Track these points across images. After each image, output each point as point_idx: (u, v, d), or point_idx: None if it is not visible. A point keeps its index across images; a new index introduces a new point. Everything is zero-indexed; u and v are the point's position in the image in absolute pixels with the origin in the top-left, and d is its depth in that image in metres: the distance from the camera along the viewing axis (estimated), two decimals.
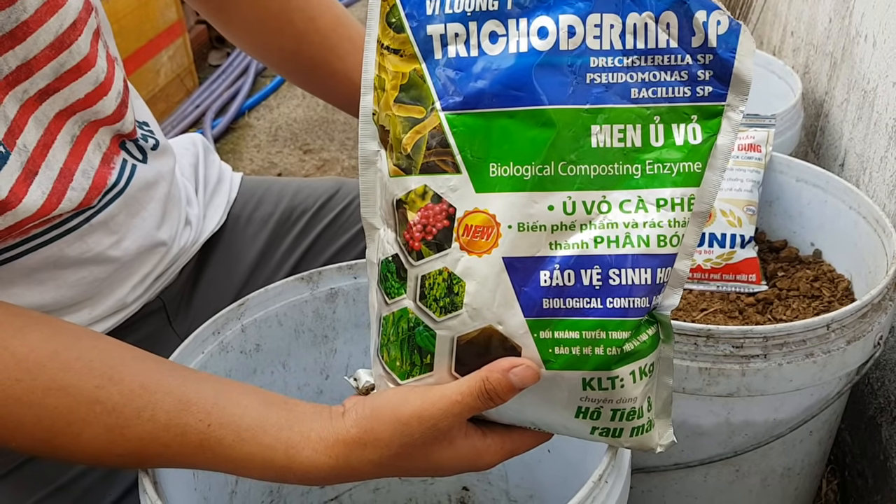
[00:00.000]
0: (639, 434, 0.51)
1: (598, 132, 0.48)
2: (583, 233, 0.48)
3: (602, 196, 0.48)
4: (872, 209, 0.91)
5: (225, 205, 0.82)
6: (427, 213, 0.49)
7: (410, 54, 0.49)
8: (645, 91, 0.48)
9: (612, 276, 0.48)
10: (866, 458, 1.06)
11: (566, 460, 0.75)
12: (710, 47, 0.48)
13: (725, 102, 0.48)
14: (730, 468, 0.87)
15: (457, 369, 0.50)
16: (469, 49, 0.49)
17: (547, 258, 0.48)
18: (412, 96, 0.50)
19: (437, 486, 0.89)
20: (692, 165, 0.48)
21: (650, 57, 0.48)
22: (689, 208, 0.48)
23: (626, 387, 0.49)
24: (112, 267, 0.66)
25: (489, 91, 0.48)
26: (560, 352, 0.48)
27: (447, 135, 0.49)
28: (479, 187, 0.48)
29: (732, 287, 0.98)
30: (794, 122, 1.17)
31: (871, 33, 1.07)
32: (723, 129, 0.48)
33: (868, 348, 0.81)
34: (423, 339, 0.50)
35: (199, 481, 0.67)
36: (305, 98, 2.43)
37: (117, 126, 0.64)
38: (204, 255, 0.79)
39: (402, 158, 0.50)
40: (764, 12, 1.62)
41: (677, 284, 0.49)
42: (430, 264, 0.49)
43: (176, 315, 0.75)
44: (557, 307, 0.48)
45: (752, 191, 0.99)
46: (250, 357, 0.71)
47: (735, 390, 0.78)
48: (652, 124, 0.48)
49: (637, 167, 0.48)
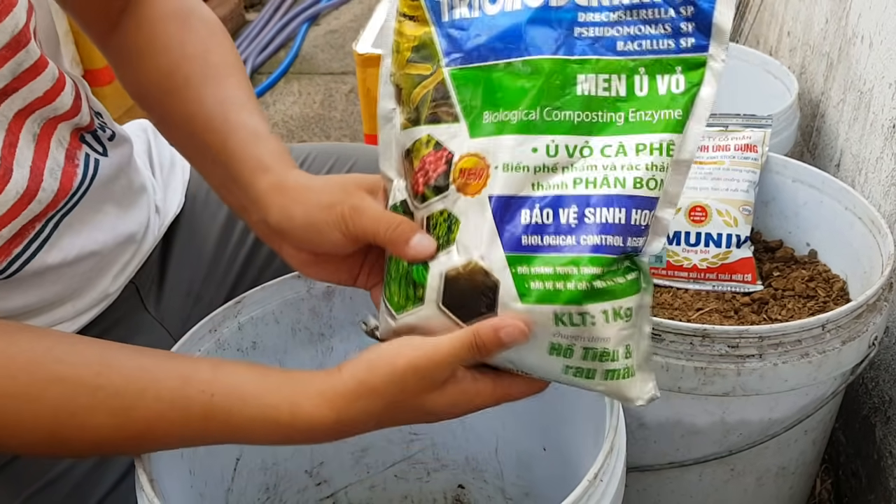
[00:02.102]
0: (614, 378, 0.51)
1: (584, 81, 0.51)
2: (564, 174, 0.50)
3: (585, 141, 0.51)
4: (868, 210, 0.91)
5: (182, 186, 0.82)
6: (429, 159, 0.54)
7: (423, 19, 0.54)
8: (631, 44, 0.51)
9: (587, 215, 0.50)
10: (860, 458, 1.07)
11: (562, 458, 0.75)
12: (691, 0, 0.50)
13: (708, 53, 0.50)
14: (725, 467, 0.88)
15: (444, 301, 0.52)
16: (472, 10, 0.54)
17: (529, 198, 0.51)
18: (422, 56, 0.54)
19: (433, 483, 0.89)
20: (673, 113, 0.50)
21: (636, 11, 0.51)
22: (668, 153, 0.50)
23: (598, 325, 0.50)
24: (93, 261, 0.67)
25: (486, 46, 0.52)
26: (534, 286, 0.50)
27: (448, 88, 0.53)
28: (474, 133, 0.52)
29: (728, 287, 0.98)
30: (791, 123, 1.18)
31: (868, 34, 1.07)
32: (706, 79, 0.50)
33: (863, 348, 0.82)
34: (418, 273, 0.53)
35: (196, 478, 0.67)
36: (301, 95, 2.42)
37: (76, 120, 0.63)
38: (168, 237, 0.80)
39: (412, 112, 0.55)
40: (761, 12, 1.63)
41: (660, 232, 0.51)
42: (432, 206, 0.53)
43: (148, 297, 0.76)
44: (535, 244, 0.50)
45: (748, 191, 0.99)
46: (247, 355, 0.72)
47: (730, 390, 0.79)
48: (637, 75, 0.51)
49: (620, 115, 0.51)
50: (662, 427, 0.85)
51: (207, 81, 0.66)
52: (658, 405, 0.84)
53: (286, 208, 0.58)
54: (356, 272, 0.62)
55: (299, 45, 2.69)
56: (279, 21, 2.78)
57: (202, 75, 0.66)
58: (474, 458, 0.86)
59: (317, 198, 0.58)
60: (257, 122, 0.63)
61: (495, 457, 0.84)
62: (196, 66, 0.67)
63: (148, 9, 0.69)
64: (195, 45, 0.68)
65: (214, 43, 0.69)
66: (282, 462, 0.79)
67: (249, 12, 2.92)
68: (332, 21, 2.93)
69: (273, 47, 2.65)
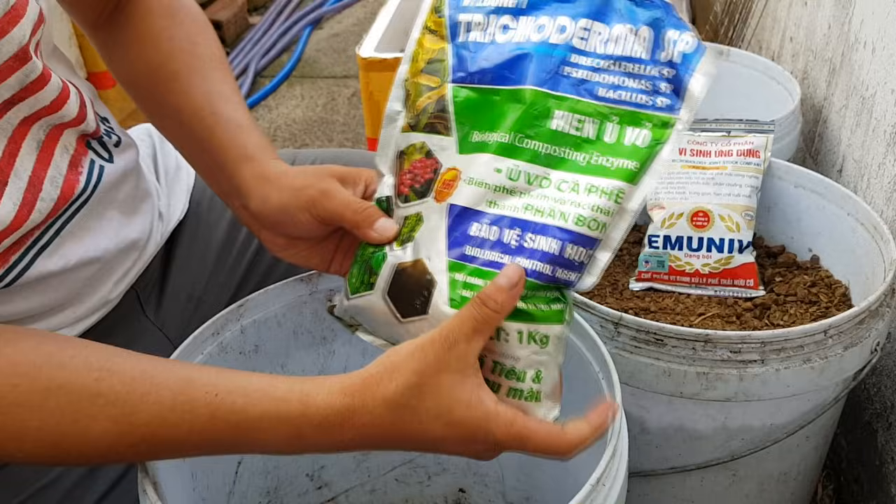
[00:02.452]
0: (518, 398, 0.54)
1: (560, 117, 0.54)
2: (519, 198, 0.54)
3: (545, 172, 0.54)
4: (870, 215, 0.91)
5: (186, 191, 0.83)
6: (418, 165, 0.58)
7: (442, 35, 0.58)
8: (611, 92, 0.54)
9: (527, 240, 0.53)
10: (862, 464, 1.07)
11: (563, 463, 0.75)
12: (673, 62, 0.53)
13: (678, 115, 0.53)
14: (726, 472, 0.88)
15: (389, 291, 0.56)
16: (485, 36, 0.57)
17: (483, 213, 0.54)
18: (434, 68, 0.58)
19: (434, 487, 0.89)
20: (630, 164, 0.53)
21: (622, 63, 0.54)
22: (616, 200, 0.53)
23: (511, 343, 0.53)
24: (95, 267, 0.67)
25: (488, 71, 0.56)
26: (464, 294, 0.53)
27: (448, 102, 0.57)
28: (462, 150, 0.56)
29: (730, 292, 0.98)
30: (793, 128, 1.18)
31: (871, 40, 1.07)
32: (670, 139, 0.53)
33: (865, 354, 0.82)
34: (377, 261, 0.57)
35: (198, 481, 0.67)
36: (304, 99, 2.43)
37: (82, 127, 0.64)
38: (171, 242, 0.80)
39: (413, 118, 0.59)
40: (763, 18, 1.63)
41: (594, 272, 0.54)
42: (411, 208, 0.57)
43: (148, 302, 0.76)
44: (475, 255, 0.53)
45: (750, 196, 0.99)
46: (249, 358, 0.72)
47: (732, 395, 0.79)
48: (609, 122, 0.54)
49: (584, 155, 0.54)
50: (664, 432, 0.85)
51: (195, 74, 0.68)
52: (660, 410, 0.84)
53: (264, 194, 0.61)
54: (329, 258, 0.65)
55: (302, 48, 2.70)
56: (282, 25, 2.79)
57: (190, 68, 0.68)
58: (475, 462, 0.86)
59: (290, 182, 0.61)
60: (241, 116, 0.66)
61: (496, 461, 0.84)
62: (184, 59, 0.69)
63: (139, 3, 0.71)
64: (183, 38, 0.70)
65: (202, 38, 0.71)
66: (283, 466, 0.79)
67: (253, 16, 2.93)
68: (335, 25, 2.93)
69: (276, 51, 2.66)
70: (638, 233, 1.09)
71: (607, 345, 0.70)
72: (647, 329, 0.78)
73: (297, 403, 0.49)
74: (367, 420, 0.49)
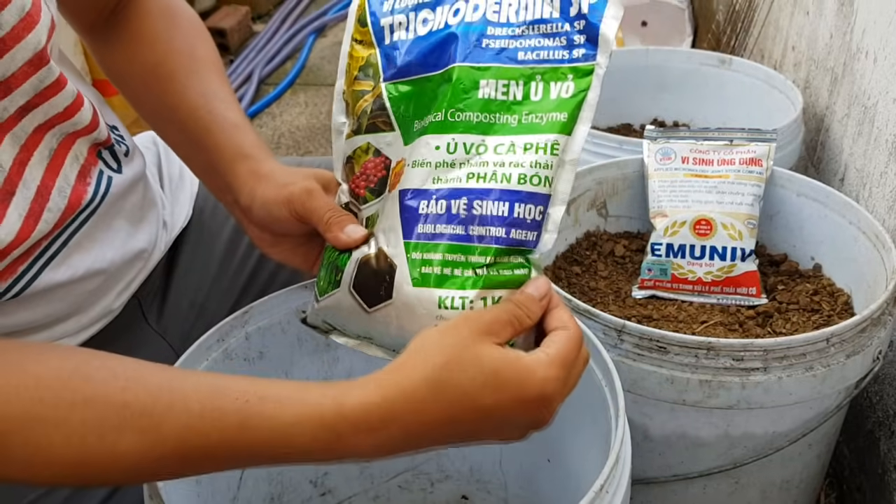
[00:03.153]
0: None
1: (486, 86, 0.56)
2: (460, 170, 0.55)
3: (481, 139, 0.55)
4: (872, 224, 0.92)
5: (190, 199, 0.83)
6: (369, 165, 0.60)
7: (369, 42, 0.61)
8: (530, 54, 0.56)
9: (475, 207, 0.54)
10: (864, 472, 1.07)
11: (566, 470, 0.75)
12: (582, 14, 0.55)
13: (596, 61, 0.55)
14: (729, 480, 0.88)
15: (354, 285, 0.57)
16: (408, 33, 0.59)
17: (429, 190, 0.55)
18: (366, 74, 0.61)
19: (437, 494, 0.89)
20: (559, 115, 0.55)
21: (536, 26, 0.56)
22: (552, 152, 0.54)
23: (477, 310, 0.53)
24: (101, 278, 0.67)
25: (415, 62, 0.58)
26: (424, 270, 0.54)
27: (384, 100, 0.59)
28: (406, 141, 0.58)
29: (733, 300, 0.98)
30: (795, 137, 1.18)
31: (872, 50, 1.08)
32: (592, 84, 0.55)
33: (867, 362, 0.82)
34: (343, 260, 0.59)
35: (202, 487, 0.67)
36: (308, 106, 2.44)
37: (94, 135, 0.64)
38: (173, 250, 0.80)
39: (355, 122, 0.61)
40: (765, 27, 1.64)
41: (551, 228, 0.55)
42: (371, 207, 0.59)
43: (150, 309, 0.76)
44: (429, 232, 0.55)
45: (752, 204, 0.99)
46: (254, 365, 0.72)
47: (735, 403, 0.79)
48: (533, 82, 0.55)
49: (515, 117, 0.55)
50: (667, 439, 0.85)
51: (191, 75, 0.70)
52: (663, 418, 0.84)
53: (253, 189, 0.63)
54: (313, 258, 0.66)
55: (306, 56, 2.70)
56: (286, 32, 2.79)
57: (187, 69, 0.70)
58: (478, 469, 0.86)
59: (275, 179, 0.63)
60: (237, 116, 0.68)
61: (499, 468, 0.84)
62: (181, 60, 0.70)
63: (137, 5, 0.72)
64: (181, 41, 0.72)
65: (199, 41, 0.73)
66: (286, 472, 0.80)
67: (257, 23, 2.94)
68: (339, 32, 2.94)
69: (280, 58, 2.66)
70: (641, 240, 1.09)
71: (610, 352, 0.70)
72: (650, 337, 0.78)
73: (331, 403, 0.46)
74: (409, 408, 0.46)
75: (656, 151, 1.05)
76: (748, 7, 1.73)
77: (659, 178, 1.03)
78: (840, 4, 1.21)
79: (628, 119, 1.50)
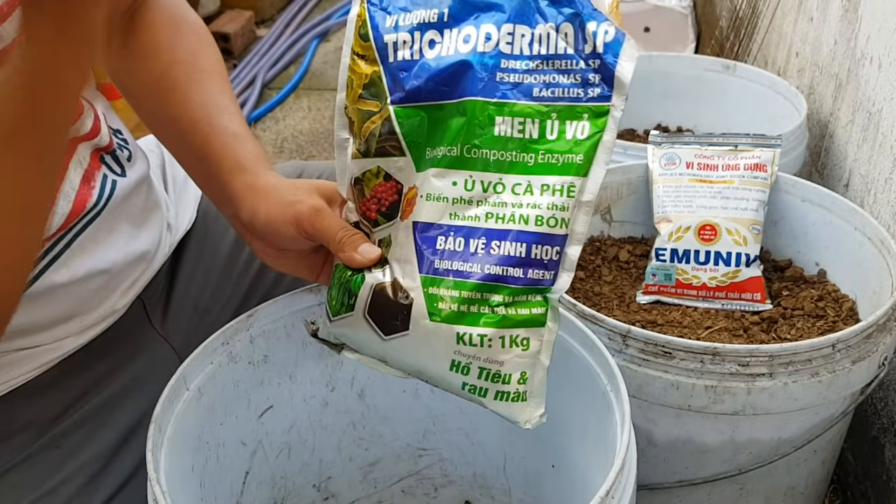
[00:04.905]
0: (504, 400, 0.56)
1: (501, 123, 0.56)
2: (478, 208, 0.56)
3: (499, 178, 0.56)
4: (877, 230, 0.92)
5: (194, 202, 0.83)
6: (380, 189, 0.60)
7: (372, 58, 0.59)
8: (545, 91, 0.55)
9: (493, 247, 0.55)
10: (869, 479, 1.06)
11: (571, 476, 0.75)
12: (597, 53, 0.55)
13: (611, 103, 0.55)
14: (734, 486, 0.88)
15: (368, 311, 0.58)
16: (413, 53, 0.58)
17: (446, 226, 0.56)
18: (371, 93, 0.60)
19: (440, 499, 0.89)
20: (575, 157, 0.55)
21: (551, 61, 0.56)
22: (569, 194, 0.54)
23: (494, 349, 0.55)
24: (103, 279, 0.67)
25: (424, 88, 0.57)
26: (442, 306, 0.55)
27: (394, 124, 0.58)
28: (419, 168, 0.58)
29: (737, 305, 0.98)
30: (799, 143, 1.18)
31: (877, 56, 1.08)
32: (608, 127, 0.55)
33: (873, 369, 0.82)
34: (356, 283, 0.59)
35: (206, 491, 0.67)
36: (311, 111, 2.44)
37: (95, 141, 0.64)
38: (178, 252, 0.80)
39: (362, 144, 0.60)
40: (769, 33, 1.64)
41: (568, 267, 0.55)
42: (383, 231, 0.60)
43: (154, 312, 0.76)
44: (447, 268, 0.55)
45: (757, 210, 0.99)
46: (258, 368, 0.72)
47: (740, 408, 0.79)
48: (549, 120, 0.55)
49: (531, 156, 0.55)
50: (672, 445, 0.85)
51: (193, 85, 0.70)
52: (668, 423, 0.83)
53: (254, 205, 0.63)
54: (318, 269, 0.67)
55: (309, 60, 2.71)
56: (290, 37, 2.80)
57: (189, 79, 0.70)
58: (482, 475, 0.86)
59: (279, 196, 0.63)
60: (237, 126, 0.68)
61: (503, 473, 0.84)
62: (184, 70, 0.70)
63: (142, 14, 0.72)
64: (185, 50, 0.72)
65: (203, 50, 0.73)
66: (290, 476, 0.79)
67: (260, 28, 2.95)
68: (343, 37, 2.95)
69: (283, 63, 2.67)
70: (645, 246, 1.09)
71: (615, 357, 0.70)
72: (655, 342, 0.78)
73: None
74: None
75: (661, 157, 1.05)
76: (751, 13, 1.73)
77: (663, 184, 1.03)
78: (844, 10, 1.21)
79: (632, 124, 1.50)
